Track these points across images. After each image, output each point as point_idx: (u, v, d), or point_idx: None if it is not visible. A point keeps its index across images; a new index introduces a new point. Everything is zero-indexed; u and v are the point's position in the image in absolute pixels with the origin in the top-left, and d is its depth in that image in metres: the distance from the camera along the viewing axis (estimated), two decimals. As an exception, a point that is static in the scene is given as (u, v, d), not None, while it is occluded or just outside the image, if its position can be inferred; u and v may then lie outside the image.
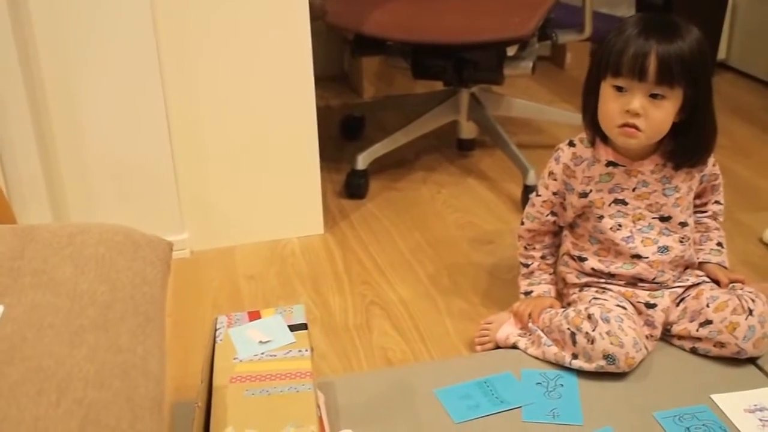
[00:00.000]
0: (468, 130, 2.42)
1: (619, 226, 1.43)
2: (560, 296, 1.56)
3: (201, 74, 1.77)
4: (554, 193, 1.49)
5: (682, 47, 1.30)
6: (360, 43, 2.30)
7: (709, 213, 1.55)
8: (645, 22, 1.33)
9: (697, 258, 1.53)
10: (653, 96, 1.32)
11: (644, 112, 1.32)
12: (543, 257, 1.56)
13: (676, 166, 1.42)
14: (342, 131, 2.57)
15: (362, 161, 2.17)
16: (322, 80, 2.21)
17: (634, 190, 1.43)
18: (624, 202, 1.43)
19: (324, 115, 2.03)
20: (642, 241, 1.43)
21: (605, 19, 2.73)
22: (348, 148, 2.40)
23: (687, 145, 1.39)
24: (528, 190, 2.04)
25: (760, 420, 1.29)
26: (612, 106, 1.34)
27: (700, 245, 1.54)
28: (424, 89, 2.80)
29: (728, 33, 3.01)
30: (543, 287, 1.55)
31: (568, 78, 3.11)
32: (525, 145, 2.32)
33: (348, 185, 2.18)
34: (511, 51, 2.17)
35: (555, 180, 1.48)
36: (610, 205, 1.43)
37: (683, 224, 1.45)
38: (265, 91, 1.81)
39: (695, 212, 1.53)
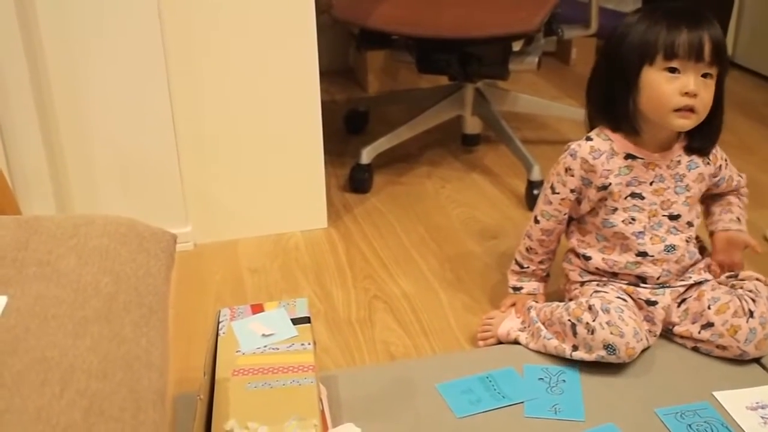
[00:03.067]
0: (472, 125, 2.41)
1: (632, 219, 1.43)
2: (562, 293, 1.57)
3: (206, 67, 1.77)
4: (572, 191, 1.47)
5: (718, 29, 1.34)
6: (365, 37, 2.29)
7: (732, 187, 1.54)
8: (670, 10, 1.35)
9: (715, 228, 1.52)
10: (704, 76, 1.34)
11: (698, 92, 1.34)
12: (541, 262, 1.57)
13: (689, 150, 1.43)
14: (346, 125, 2.57)
15: (366, 155, 2.17)
16: (327, 74, 2.21)
17: (651, 184, 1.42)
18: (641, 197, 1.43)
19: (329, 109, 2.03)
20: (651, 239, 1.43)
21: (611, 15, 2.72)
22: (352, 142, 2.40)
23: (708, 126, 1.40)
24: (532, 185, 2.04)
25: (762, 417, 1.29)
26: (666, 89, 1.34)
27: (719, 216, 1.53)
28: (429, 84, 2.80)
29: (734, 30, 3.00)
30: (533, 284, 1.57)
31: (573, 74, 3.10)
32: (529, 140, 2.32)
33: (352, 179, 2.18)
34: (516, 46, 2.16)
35: (572, 176, 1.46)
36: (626, 198, 1.43)
37: (690, 224, 1.45)
38: (270, 84, 1.81)
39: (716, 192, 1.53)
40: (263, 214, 1.93)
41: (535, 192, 1.98)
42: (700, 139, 1.42)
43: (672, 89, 1.34)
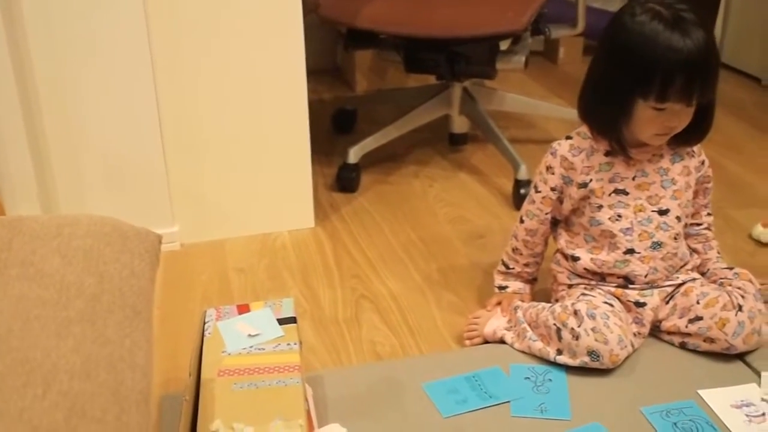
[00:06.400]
0: (460, 124, 2.42)
1: (619, 216, 1.43)
2: (549, 292, 1.57)
3: (192, 67, 1.76)
4: (552, 189, 1.48)
5: (711, 50, 1.30)
6: (353, 36, 2.29)
7: (705, 225, 1.57)
8: (667, 25, 1.29)
9: (707, 269, 1.55)
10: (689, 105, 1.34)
11: (680, 122, 1.35)
12: (526, 265, 1.58)
13: (673, 144, 1.43)
14: (334, 125, 2.57)
15: (354, 155, 2.17)
16: (314, 73, 2.21)
17: (633, 179, 1.43)
18: (625, 192, 1.43)
19: (316, 108, 2.03)
20: (639, 235, 1.43)
21: (598, 14, 2.73)
22: (340, 141, 2.40)
23: (697, 128, 1.39)
24: (519, 184, 2.04)
25: (747, 415, 1.29)
26: (651, 122, 1.35)
27: (705, 254, 1.56)
28: (417, 83, 2.80)
29: (721, 29, 3.01)
30: (518, 284, 1.58)
31: (560, 73, 3.11)
32: (517, 139, 2.32)
33: (339, 179, 2.17)
34: (503, 45, 2.17)
35: (553, 174, 1.47)
36: (610, 195, 1.43)
37: (679, 219, 1.46)
38: (257, 84, 1.81)
39: (692, 224, 1.54)
40: (250, 214, 1.93)
41: (522, 191, 1.99)
42: (687, 140, 1.42)
43: (656, 121, 1.34)
